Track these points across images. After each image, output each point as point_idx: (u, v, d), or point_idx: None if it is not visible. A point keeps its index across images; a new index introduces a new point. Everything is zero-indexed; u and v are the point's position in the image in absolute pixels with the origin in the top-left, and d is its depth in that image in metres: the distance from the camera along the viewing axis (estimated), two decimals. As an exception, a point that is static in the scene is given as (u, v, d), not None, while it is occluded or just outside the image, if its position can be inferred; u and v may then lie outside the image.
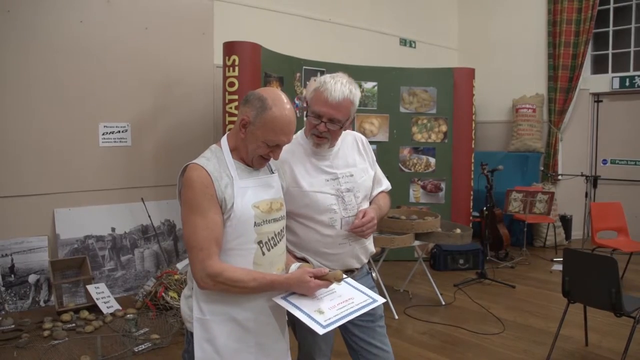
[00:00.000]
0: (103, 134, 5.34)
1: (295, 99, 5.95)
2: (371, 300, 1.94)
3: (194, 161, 1.82)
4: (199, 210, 1.74)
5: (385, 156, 6.49)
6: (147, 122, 5.64)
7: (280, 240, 1.93)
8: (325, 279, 1.83)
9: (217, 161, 1.84)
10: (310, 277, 1.78)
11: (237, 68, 5.09)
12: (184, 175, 1.80)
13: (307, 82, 6.11)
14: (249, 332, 1.86)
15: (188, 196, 1.77)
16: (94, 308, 4.66)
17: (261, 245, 1.85)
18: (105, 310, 4.63)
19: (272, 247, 1.89)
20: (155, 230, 5.52)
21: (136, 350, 3.86)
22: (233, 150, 1.89)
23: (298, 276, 1.79)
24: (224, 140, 1.92)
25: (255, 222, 1.83)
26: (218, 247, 1.77)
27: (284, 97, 1.86)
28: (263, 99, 1.82)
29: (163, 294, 4.65)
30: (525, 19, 8.35)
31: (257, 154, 1.85)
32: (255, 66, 5.21)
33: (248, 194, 1.84)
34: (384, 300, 2.03)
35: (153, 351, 3.90)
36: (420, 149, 6.70)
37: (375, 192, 2.39)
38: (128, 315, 4.36)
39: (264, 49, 5.36)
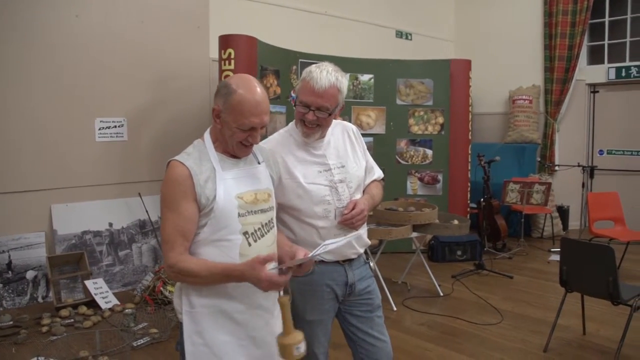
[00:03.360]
0: (99, 129, 5.33)
1: (292, 92, 5.94)
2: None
3: (175, 157, 1.83)
4: (170, 206, 1.78)
5: (382, 148, 6.49)
6: (144, 116, 5.62)
7: (268, 231, 1.92)
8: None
9: (199, 155, 1.84)
10: (262, 266, 1.71)
11: (232, 61, 5.08)
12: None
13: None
14: (239, 324, 1.86)
15: (162, 192, 1.82)
16: (92, 303, 4.66)
17: (247, 236, 1.84)
18: (103, 306, 4.63)
19: (259, 238, 1.87)
20: (153, 225, 5.51)
21: (135, 345, 3.86)
22: (215, 142, 1.89)
23: (250, 264, 1.72)
24: (206, 134, 1.93)
25: (239, 213, 1.83)
26: (185, 240, 1.79)
27: (251, 79, 1.85)
28: (228, 84, 1.82)
29: (161, 288, 4.66)
30: (521, 10, 8.34)
31: (235, 140, 1.83)
32: (251, 59, 5.20)
33: (231, 185, 1.83)
34: (357, 233, 2.12)
35: (152, 345, 3.91)
36: (417, 141, 6.70)
37: (367, 181, 2.38)
38: (126, 310, 4.36)
39: (260, 42, 5.34)
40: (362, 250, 2.35)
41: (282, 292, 1.80)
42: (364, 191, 2.35)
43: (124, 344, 3.85)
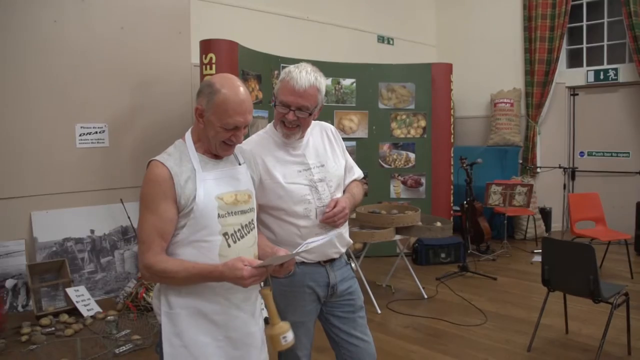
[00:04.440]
0: (80, 135, 5.27)
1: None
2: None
3: (155, 157, 1.82)
4: (149, 206, 1.78)
5: (365, 152, 6.51)
6: (125, 122, 5.58)
7: (248, 232, 1.91)
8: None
9: (180, 155, 1.84)
10: (245, 265, 1.71)
11: (214, 66, 5.06)
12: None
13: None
14: (217, 325, 1.85)
15: (142, 192, 1.81)
16: (74, 311, 4.60)
17: (226, 237, 1.83)
18: (85, 313, 4.57)
19: (239, 239, 1.86)
20: (135, 231, 5.46)
21: (117, 352, 3.81)
22: (197, 142, 1.88)
23: (231, 264, 1.72)
24: (188, 134, 1.92)
25: (218, 214, 1.81)
26: (163, 240, 1.78)
27: (234, 79, 1.85)
28: (211, 84, 1.81)
29: (144, 295, 4.62)
30: (501, 14, 8.44)
31: (218, 140, 1.82)
32: (232, 64, 5.19)
33: (211, 186, 1.82)
34: (338, 231, 2.16)
35: (135, 352, 3.86)
36: (399, 144, 6.72)
37: (347, 181, 2.39)
38: (109, 317, 4.31)
39: (241, 46, 5.34)
40: (343, 250, 2.34)
41: (262, 285, 1.80)
42: (344, 190, 2.36)
43: (106, 351, 3.80)
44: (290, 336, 1.80)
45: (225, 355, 1.86)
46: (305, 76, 2.09)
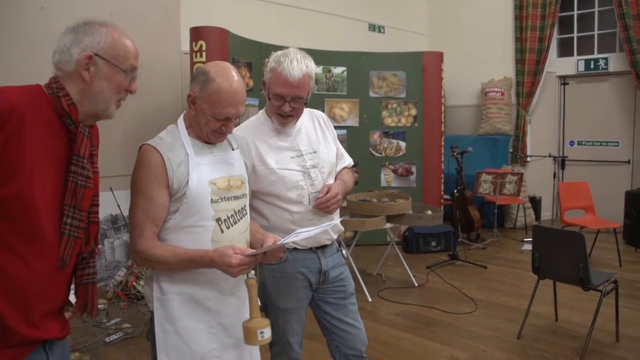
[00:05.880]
0: (68, 123, 5.21)
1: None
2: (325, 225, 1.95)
3: (147, 142, 1.80)
4: (141, 191, 1.76)
5: (356, 141, 6.50)
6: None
7: (241, 218, 1.90)
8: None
9: (172, 140, 1.82)
10: (235, 252, 1.70)
11: (204, 53, 5.02)
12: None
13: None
14: (210, 311, 1.84)
15: (134, 176, 1.79)
16: (63, 300, 4.58)
17: (219, 222, 1.82)
18: (74, 302, 4.54)
19: (232, 225, 1.85)
20: (125, 220, 5.43)
21: (107, 340, 3.81)
22: (189, 128, 1.87)
23: (222, 250, 1.71)
24: (180, 119, 1.90)
25: (211, 199, 1.80)
26: (155, 225, 1.77)
27: (230, 68, 1.83)
28: (206, 72, 1.79)
29: (134, 283, 4.60)
30: (492, 3, 8.42)
31: (208, 128, 1.81)
32: (222, 52, 5.15)
33: (204, 171, 1.81)
34: (334, 222, 2.11)
35: (125, 341, 3.86)
36: (390, 133, 6.72)
37: (338, 168, 2.39)
38: (99, 306, 4.27)
39: (232, 34, 5.29)
40: (335, 237, 2.35)
41: (249, 274, 1.79)
42: (335, 178, 2.36)
43: (96, 340, 3.79)
44: (267, 333, 1.75)
45: (218, 342, 1.85)
46: (297, 65, 2.06)
